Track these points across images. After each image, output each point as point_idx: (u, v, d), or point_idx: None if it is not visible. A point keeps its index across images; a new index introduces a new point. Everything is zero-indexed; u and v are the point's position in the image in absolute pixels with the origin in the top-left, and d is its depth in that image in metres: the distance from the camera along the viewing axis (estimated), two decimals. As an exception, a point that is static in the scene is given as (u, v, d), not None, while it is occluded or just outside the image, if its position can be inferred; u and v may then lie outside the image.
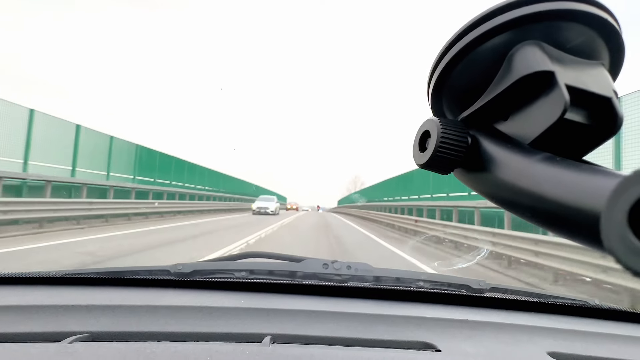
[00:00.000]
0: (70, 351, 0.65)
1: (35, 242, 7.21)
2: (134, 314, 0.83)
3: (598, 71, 0.28)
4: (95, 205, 11.81)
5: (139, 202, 15.14)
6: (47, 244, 7.24)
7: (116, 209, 13.10)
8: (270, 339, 0.75)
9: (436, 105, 0.34)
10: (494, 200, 0.29)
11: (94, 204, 11.70)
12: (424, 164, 0.31)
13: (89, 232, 9.55)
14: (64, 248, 6.82)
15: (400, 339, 0.81)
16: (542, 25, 0.28)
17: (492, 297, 1.07)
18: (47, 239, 7.93)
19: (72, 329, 0.75)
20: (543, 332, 0.91)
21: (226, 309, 0.87)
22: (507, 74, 0.29)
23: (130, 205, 14.28)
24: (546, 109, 0.27)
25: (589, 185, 0.21)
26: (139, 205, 14.87)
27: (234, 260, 1.20)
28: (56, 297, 0.90)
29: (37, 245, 6.97)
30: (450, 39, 0.31)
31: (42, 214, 9.48)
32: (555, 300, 1.09)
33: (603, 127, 0.28)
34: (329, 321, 0.86)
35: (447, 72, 0.31)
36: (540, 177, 0.24)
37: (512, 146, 0.28)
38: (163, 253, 6.98)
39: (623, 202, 0.17)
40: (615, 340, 0.92)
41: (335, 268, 1.11)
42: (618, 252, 0.17)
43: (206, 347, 0.70)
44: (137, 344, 0.70)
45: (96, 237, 8.50)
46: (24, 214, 8.97)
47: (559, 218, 0.23)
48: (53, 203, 10.09)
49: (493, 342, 0.84)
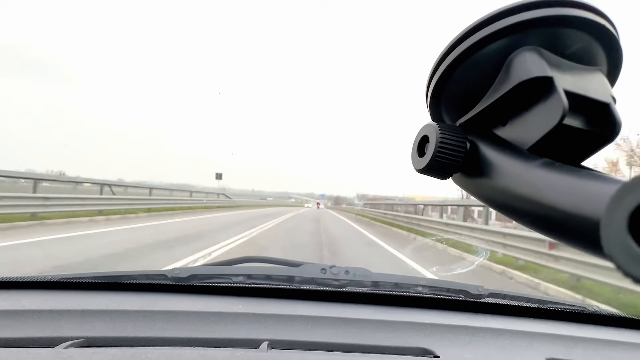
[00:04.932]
0: (65, 356, 0.65)
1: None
2: (130, 319, 0.82)
3: (596, 77, 0.28)
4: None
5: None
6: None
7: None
8: (267, 344, 0.74)
9: (435, 110, 0.34)
10: (493, 205, 0.29)
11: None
12: (423, 169, 0.31)
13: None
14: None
15: (398, 345, 0.80)
16: (541, 31, 0.28)
17: (491, 303, 1.07)
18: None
19: (68, 334, 0.75)
20: (542, 338, 0.91)
21: (223, 314, 0.87)
22: (506, 80, 0.29)
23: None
24: (545, 114, 0.27)
25: (589, 191, 0.21)
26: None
27: (232, 264, 1.20)
28: (52, 301, 0.89)
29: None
30: (449, 44, 0.31)
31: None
32: (554, 306, 1.09)
33: (602, 133, 0.28)
34: (327, 327, 0.85)
35: (445, 77, 0.31)
36: (539, 183, 0.24)
37: (511, 151, 0.28)
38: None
39: (623, 208, 0.17)
40: (614, 347, 0.92)
41: (333, 273, 1.10)
42: (618, 259, 0.17)
43: (203, 352, 0.70)
44: (133, 350, 0.69)
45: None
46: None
47: (558, 224, 0.23)
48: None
49: (492, 348, 0.84)
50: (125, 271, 1.09)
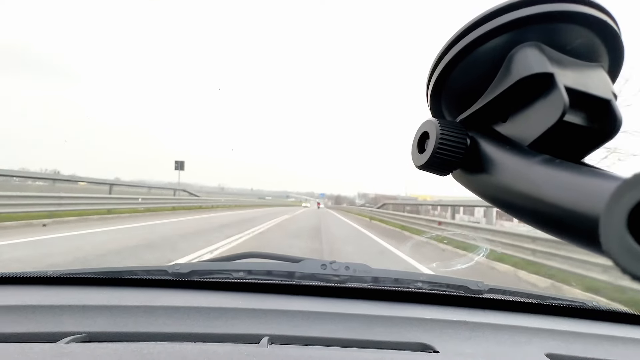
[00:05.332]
0: (66, 351, 0.65)
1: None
2: (131, 315, 0.82)
3: (597, 73, 0.28)
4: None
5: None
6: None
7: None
8: (268, 339, 0.74)
9: (435, 106, 0.34)
10: (493, 202, 0.29)
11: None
12: (423, 165, 0.31)
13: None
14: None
15: (398, 340, 0.81)
16: (542, 27, 0.28)
17: (491, 299, 1.07)
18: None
19: (69, 329, 0.75)
20: (541, 333, 0.91)
21: (224, 309, 0.87)
22: (507, 76, 0.29)
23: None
24: (545, 110, 0.27)
25: (588, 187, 0.21)
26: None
27: (232, 260, 1.20)
28: (53, 297, 0.90)
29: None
30: (449, 40, 0.30)
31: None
32: (554, 302, 1.09)
33: (602, 130, 0.28)
34: (327, 322, 0.86)
35: (446, 73, 0.31)
36: (539, 179, 0.24)
37: (511, 148, 0.28)
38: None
39: (622, 206, 0.17)
40: (613, 342, 0.92)
41: (334, 269, 1.11)
42: (617, 256, 0.17)
43: (204, 347, 0.70)
44: (134, 345, 0.70)
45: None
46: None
47: (557, 221, 0.23)
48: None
49: (491, 344, 0.84)
50: (126, 267, 1.09)
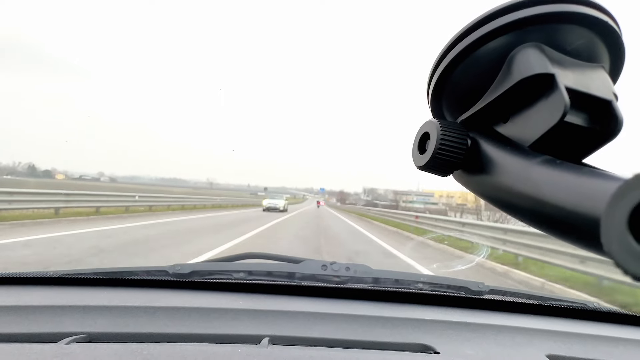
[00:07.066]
0: (67, 352, 0.65)
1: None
2: (132, 315, 0.82)
3: (598, 74, 0.28)
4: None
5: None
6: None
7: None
8: (268, 340, 0.74)
9: (436, 106, 0.34)
10: (494, 203, 0.29)
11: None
12: (423, 165, 0.31)
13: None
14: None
15: (399, 341, 0.81)
16: (543, 27, 0.28)
17: (491, 300, 1.07)
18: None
19: (69, 329, 0.75)
20: (542, 334, 0.91)
21: (224, 310, 0.87)
22: (508, 76, 0.29)
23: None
24: (546, 111, 0.27)
25: (589, 188, 0.21)
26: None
27: (233, 261, 1.20)
28: (53, 297, 0.90)
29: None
30: (450, 41, 0.30)
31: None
32: (555, 303, 1.09)
33: (603, 130, 0.28)
34: (328, 323, 0.85)
35: (447, 74, 0.31)
36: (540, 180, 0.24)
37: (512, 149, 0.28)
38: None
39: (623, 206, 0.17)
40: (614, 343, 0.92)
41: (334, 269, 1.10)
42: (618, 256, 0.17)
43: (204, 348, 0.70)
44: (135, 345, 0.70)
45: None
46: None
47: (558, 221, 0.23)
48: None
49: (492, 345, 0.84)
50: (126, 267, 1.09)
